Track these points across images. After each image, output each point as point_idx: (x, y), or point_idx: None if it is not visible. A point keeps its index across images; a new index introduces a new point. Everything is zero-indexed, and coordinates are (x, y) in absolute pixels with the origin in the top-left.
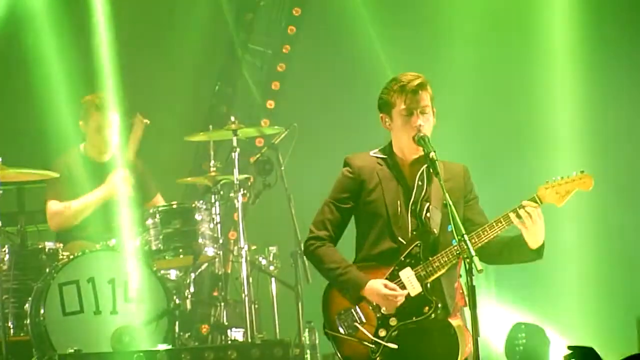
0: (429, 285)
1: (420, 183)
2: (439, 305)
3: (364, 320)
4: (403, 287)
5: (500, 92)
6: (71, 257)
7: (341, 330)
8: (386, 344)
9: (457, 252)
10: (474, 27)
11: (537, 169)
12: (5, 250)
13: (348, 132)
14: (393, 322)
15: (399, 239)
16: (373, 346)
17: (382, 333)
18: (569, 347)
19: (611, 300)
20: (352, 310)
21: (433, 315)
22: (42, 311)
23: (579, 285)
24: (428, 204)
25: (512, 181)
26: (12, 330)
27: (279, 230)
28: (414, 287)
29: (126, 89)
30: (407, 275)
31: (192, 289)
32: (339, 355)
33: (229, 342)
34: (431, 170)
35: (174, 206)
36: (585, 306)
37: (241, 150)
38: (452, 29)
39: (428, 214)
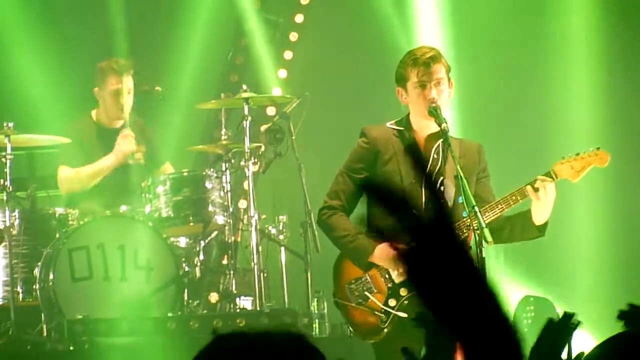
0: None
1: (435, 156)
2: None
3: (374, 289)
4: None
5: (517, 69)
6: (81, 222)
7: (351, 299)
8: (396, 312)
9: (468, 224)
10: (495, 3)
11: (553, 145)
12: (15, 215)
13: (360, 102)
14: (403, 292)
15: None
16: (383, 315)
17: (393, 302)
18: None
19: (622, 275)
20: (363, 279)
21: None
22: (51, 276)
23: (589, 259)
24: (442, 177)
25: (528, 157)
26: (21, 295)
27: (289, 199)
28: None
29: (138, 56)
30: None
31: (201, 257)
32: (349, 325)
33: (238, 310)
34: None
35: (185, 174)
36: (595, 280)
37: (252, 118)
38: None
39: (442, 187)
